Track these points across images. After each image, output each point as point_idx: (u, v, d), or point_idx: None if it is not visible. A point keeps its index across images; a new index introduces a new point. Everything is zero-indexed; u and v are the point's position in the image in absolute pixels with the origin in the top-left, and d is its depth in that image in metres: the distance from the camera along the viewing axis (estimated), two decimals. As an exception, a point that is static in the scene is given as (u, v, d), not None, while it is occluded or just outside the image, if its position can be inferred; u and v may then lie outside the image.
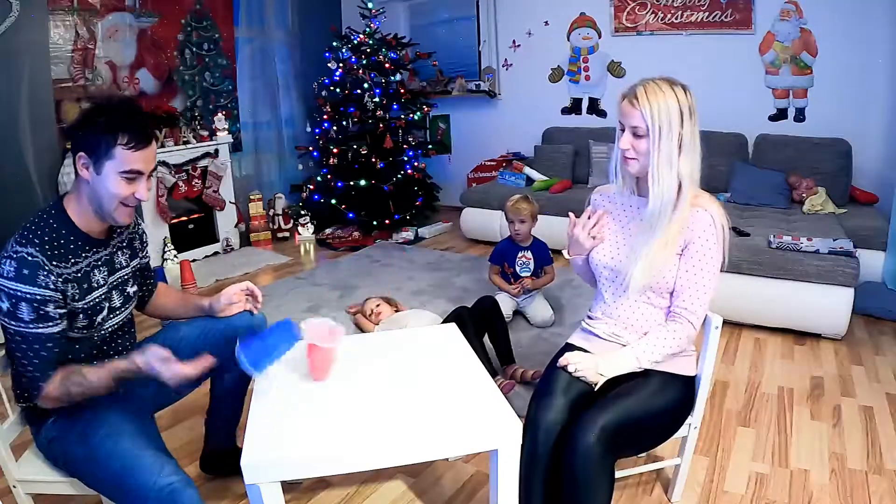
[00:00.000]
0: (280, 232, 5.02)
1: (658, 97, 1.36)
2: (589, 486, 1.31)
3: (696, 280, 1.43)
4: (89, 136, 1.28)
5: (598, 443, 1.29)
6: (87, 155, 1.29)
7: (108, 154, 1.28)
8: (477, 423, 1.21)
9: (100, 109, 1.30)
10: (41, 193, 3.66)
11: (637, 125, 1.39)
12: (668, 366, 1.48)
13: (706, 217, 1.42)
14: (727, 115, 4.16)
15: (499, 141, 5.36)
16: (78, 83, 3.89)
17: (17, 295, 1.23)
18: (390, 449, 1.16)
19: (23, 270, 1.23)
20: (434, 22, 5.61)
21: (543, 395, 1.44)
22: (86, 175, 1.31)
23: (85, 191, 1.33)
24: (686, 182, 1.41)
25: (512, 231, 2.94)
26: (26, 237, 1.27)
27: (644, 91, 1.38)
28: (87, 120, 1.29)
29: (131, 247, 1.55)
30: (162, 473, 1.22)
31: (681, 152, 1.40)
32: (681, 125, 1.38)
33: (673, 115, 1.36)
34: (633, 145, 1.42)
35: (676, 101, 1.37)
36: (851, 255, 2.69)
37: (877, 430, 2.09)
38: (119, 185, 1.31)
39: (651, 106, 1.36)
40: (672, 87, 1.39)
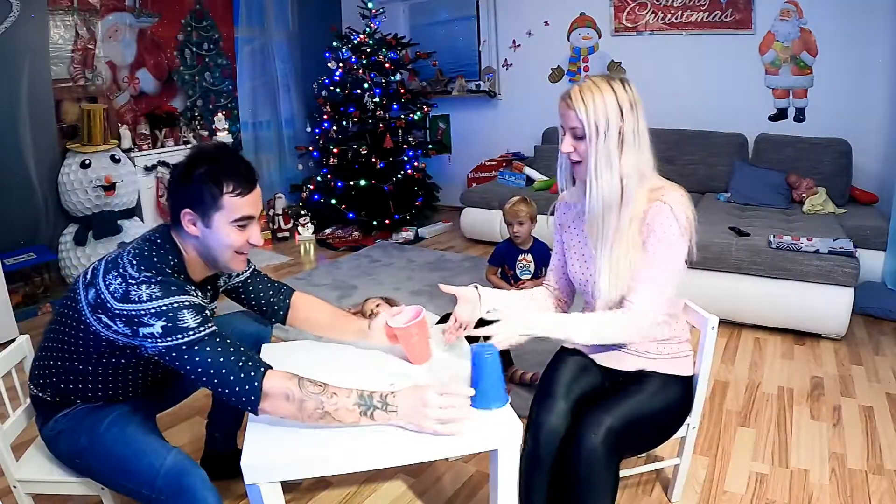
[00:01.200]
0: (280, 232, 5.02)
1: (594, 95, 1.31)
2: (594, 488, 1.31)
3: (649, 275, 1.35)
4: (193, 191, 1.23)
5: (603, 444, 1.29)
6: (192, 210, 1.25)
7: (216, 205, 1.24)
8: (477, 423, 1.21)
9: (197, 161, 1.25)
10: (41, 193, 3.66)
11: (574, 126, 1.34)
12: (666, 366, 1.48)
13: (663, 209, 1.34)
14: (727, 115, 4.17)
15: (499, 141, 5.36)
16: (78, 83, 3.89)
17: (174, 307, 1.17)
18: (390, 449, 1.16)
19: (169, 287, 1.19)
20: (434, 22, 5.61)
21: (545, 397, 1.44)
22: (194, 231, 1.26)
23: (194, 246, 1.30)
24: (631, 181, 1.34)
25: (511, 234, 2.94)
26: (154, 264, 1.22)
27: (579, 91, 1.33)
28: (188, 174, 1.24)
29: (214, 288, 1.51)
30: (169, 456, 1.24)
31: (622, 149, 1.33)
32: (620, 120, 1.31)
33: (610, 111, 1.31)
34: (574, 147, 1.37)
35: (614, 96, 1.31)
36: (851, 255, 2.69)
37: (877, 430, 2.09)
38: (232, 235, 1.27)
39: (586, 105, 1.31)
40: (609, 82, 1.33)
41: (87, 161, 3.61)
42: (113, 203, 3.71)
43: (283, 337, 2.99)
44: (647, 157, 1.37)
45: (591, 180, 1.35)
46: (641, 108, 1.35)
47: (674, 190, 1.39)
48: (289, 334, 3.00)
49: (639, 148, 1.35)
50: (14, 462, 1.39)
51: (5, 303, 3.06)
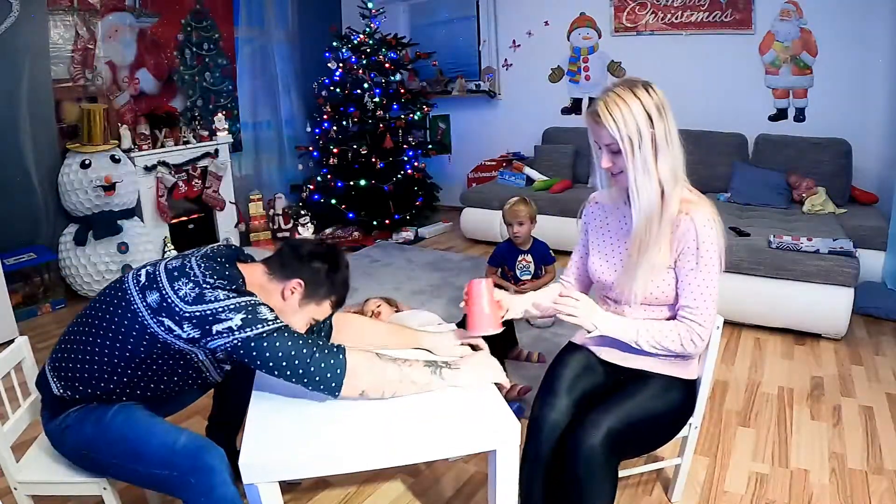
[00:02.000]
0: (280, 232, 5.01)
1: (620, 108, 1.30)
2: (592, 489, 1.31)
3: (698, 287, 1.36)
4: (321, 279, 1.37)
5: (602, 445, 1.29)
6: (306, 287, 1.36)
7: (319, 302, 1.39)
8: (475, 424, 1.21)
9: (339, 265, 1.41)
10: (41, 193, 3.66)
11: (609, 143, 1.33)
12: (669, 369, 1.48)
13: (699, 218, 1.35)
14: (727, 115, 4.17)
15: (499, 141, 5.36)
16: (78, 83, 3.89)
17: (251, 303, 1.24)
18: (388, 449, 1.16)
19: (243, 292, 1.27)
20: (434, 22, 5.61)
21: (547, 395, 1.44)
22: (287, 297, 1.36)
23: (273, 303, 1.34)
24: (669, 185, 1.34)
25: (511, 234, 2.93)
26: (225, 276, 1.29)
27: (605, 106, 1.31)
28: (331, 268, 1.39)
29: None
30: (182, 434, 1.26)
31: (657, 155, 1.32)
32: (651, 127, 1.30)
33: (640, 120, 1.29)
34: (613, 162, 1.36)
35: (640, 104, 1.30)
36: (851, 255, 2.69)
37: (877, 430, 2.09)
38: (301, 323, 1.39)
39: (616, 120, 1.29)
40: (633, 91, 1.31)
41: (87, 161, 3.61)
42: (113, 203, 3.70)
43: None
44: (680, 159, 1.37)
45: (634, 193, 1.35)
46: (669, 109, 1.34)
47: (702, 202, 1.40)
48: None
49: (672, 150, 1.35)
50: (14, 463, 1.39)
51: (5, 303, 3.06)
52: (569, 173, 4.62)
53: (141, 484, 1.34)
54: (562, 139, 4.79)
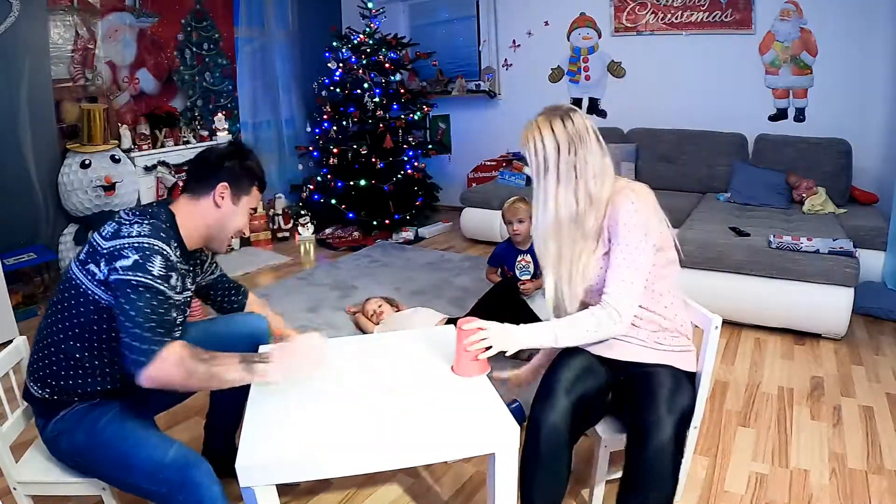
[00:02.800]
0: (280, 232, 5.02)
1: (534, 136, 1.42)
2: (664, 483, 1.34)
3: (616, 268, 1.42)
4: (239, 173, 1.47)
5: (673, 439, 1.32)
6: (230, 186, 1.45)
7: (248, 191, 1.49)
8: (474, 426, 1.20)
9: (246, 153, 1.51)
10: (41, 193, 3.66)
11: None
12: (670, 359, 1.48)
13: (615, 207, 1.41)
14: (727, 115, 4.17)
15: (499, 141, 5.35)
16: (78, 83, 3.89)
17: (152, 248, 1.28)
18: (387, 452, 1.16)
19: (159, 231, 1.32)
20: (434, 22, 5.61)
21: (546, 396, 1.44)
22: (220, 202, 1.44)
23: (208, 215, 1.45)
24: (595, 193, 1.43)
25: (511, 232, 2.94)
26: (147, 213, 1.36)
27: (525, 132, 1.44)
28: (240, 160, 1.48)
29: (194, 272, 1.59)
30: (172, 448, 1.26)
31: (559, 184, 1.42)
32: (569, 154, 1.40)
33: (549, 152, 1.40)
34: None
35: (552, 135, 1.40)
36: (851, 255, 2.69)
37: (877, 430, 2.08)
38: (244, 218, 1.51)
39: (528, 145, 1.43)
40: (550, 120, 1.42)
41: (87, 161, 3.61)
42: (113, 203, 3.70)
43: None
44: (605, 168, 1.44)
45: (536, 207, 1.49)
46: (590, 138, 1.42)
47: (629, 190, 1.44)
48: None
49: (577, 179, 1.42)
50: (13, 464, 1.39)
51: (5, 303, 3.06)
52: (569, 173, 4.61)
53: (132, 493, 1.33)
54: (562, 139, 4.78)
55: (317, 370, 1.37)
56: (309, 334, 1.42)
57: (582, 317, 1.44)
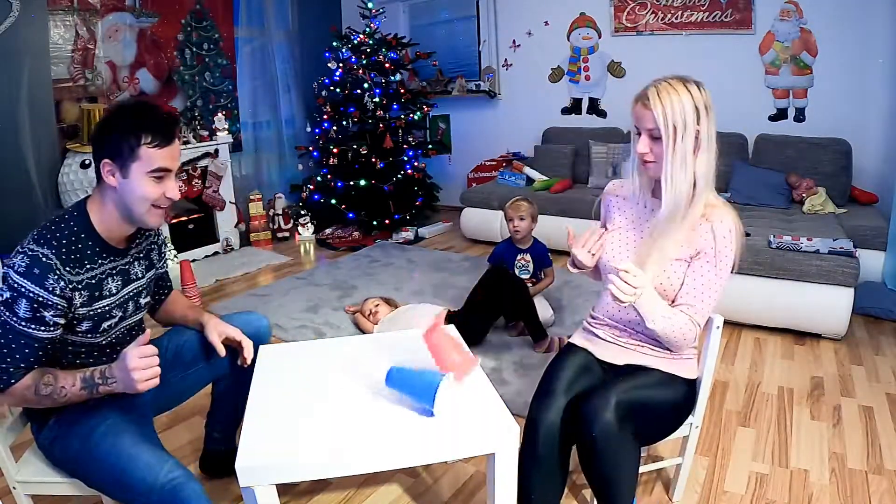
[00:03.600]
0: (280, 232, 5.02)
1: (671, 96, 1.33)
2: (615, 462, 1.33)
3: (704, 289, 1.39)
4: (112, 141, 1.27)
5: (614, 418, 1.30)
6: (111, 160, 1.27)
7: (134, 155, 1.27)
8: (474, 426, 1.20)
9: (119, 113, 1.30)
10: (41, 193, 3.66)
11: (652, 127, 1.35)
12: (668, 366, 1.48)
13: (720, 228, 1.38)
14: (727, 115, 4.12)
15: (499, 141, 5.36)
16: (78, 83, 3.89)
17: (20, 290, 1.21)
18: (386, 452, 1.15)
19: (34, 269, 1.21)
20: (434, 22, 5.61)
21: (544, 396, 1.44)
22: (112, 182, 1.29)
23: (112, 198, 1.31)
24: (701, 182, 1.37)
25: (511, 229, 2.94)
26: (44, 237, 1.26)
27: (656, 92, 1.34)
28: (108, 125, 1.29)
29: (149, 258, 1.53)
30: (164, 468, 1.23)
31: (697, 151, 1.36)
32: (696, 122, 1.33)
33: (688, 113, 1.32)
34: (650, 148, 1.38)
35: (691, 98, 1.33)
36: (851, 255, 2.69)
37: (877, 430, 2.09)
38: (148, 186, 1.29)
39: (664, 106, 1.32)
40: (685, 84, 1.35)
41: (87, 161, 3.61)
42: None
43: (283, 337, 2.99)
44: (714, 163, 1.39)
45: (667, 181, 1.37)
46: (713, 112, 1.37)
47: (727, 208, 1.41)
48: (288, 334, 3.01)
49: (710, 151, 1.37)
50: (13, 463, 1.39)
51: (5, 303, 3.06)
52: (568, 173, 4.61)
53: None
54: (562, 139, 4.79)
55: (154, 383, 1.25)
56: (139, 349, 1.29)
57: (680, 321, 1.39)
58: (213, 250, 4.56)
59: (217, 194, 4.51)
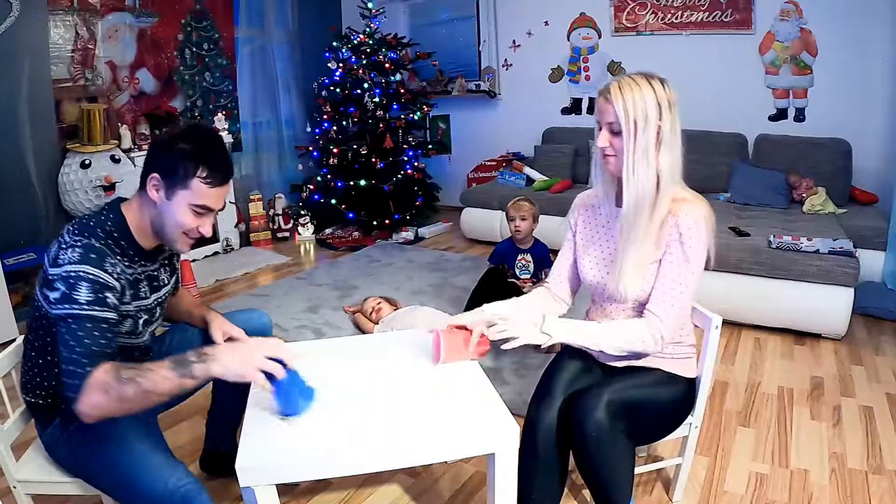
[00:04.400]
0: (280, 232, 5.02)
1: (633, 91, 1.31)
2: (608, 462, 1.32)
3: (669, 288, 1.37)
4: (170, 160, 1.25)
5: (606, 418, 1.29)
6: (161, 178, 1.26)
7: (185, 183, 1.25)
8: (474, 426, 1.20)
9: (186, 136, 1.27)
10: (41, 193, 3.66)
11: (612, 121, 1.33)
12: (669, 365, 1.48)
13: (685, 221, 1.35)
14: (727, 115, 4.17)
15: (499, 141, 5.36)
16: (78, 83, 3.88)
17: (78, 275, 1.17)
18: (386, 452, 1.15)
19: (90, 254, 1.19)
20: (434, 22, 5.61)
21: (543, 396, 1.44)
22: (154, 197, 1.27)
23: (149, 211, 1.30)
24: (665, 178, 1.34)
25: (512, 229, 2.94)
26: (88, 228, 1.24)
27: (618, 86, 1.32)
28: (172, 143, 1.26)
29: (171, 264, 1.53)
30: (173, 477, 1.21)
31: (659, 147, 1.33)
32: (659, 118, 1.31)
33: (650, 107, 1.30)
34: (610, 142, 1.36)
35: (654, 93, 1.31)
36: (851, 255, 2.69)
37: (877, 430, 2.09)
38: (186, 217, 1.28)
39: (625, 100, 1.30)
40: (649, 80, 1.33)
41: (87, 161, 3.61)
42: (113, 203, 3.70)
43: (283, 337, 2.99)
44: (680, 160, 1.37)
45: (628, 175, 1.34)
46: (677, 109, 1.35)
47: (696, 200, 1.38)
48: (288, 334, 3.01)
49: (674, 148, 1.35)
50: (14, 462, 1.39)
51: (5, 303, 3.06)
52: (569, 173, 4.61)
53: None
54: (562, 139, 4.79)
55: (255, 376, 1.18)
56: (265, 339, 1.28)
57: (627, 329, 1.38)
58: (213, 250, 4.56)
59: (217, 194, 4.50)
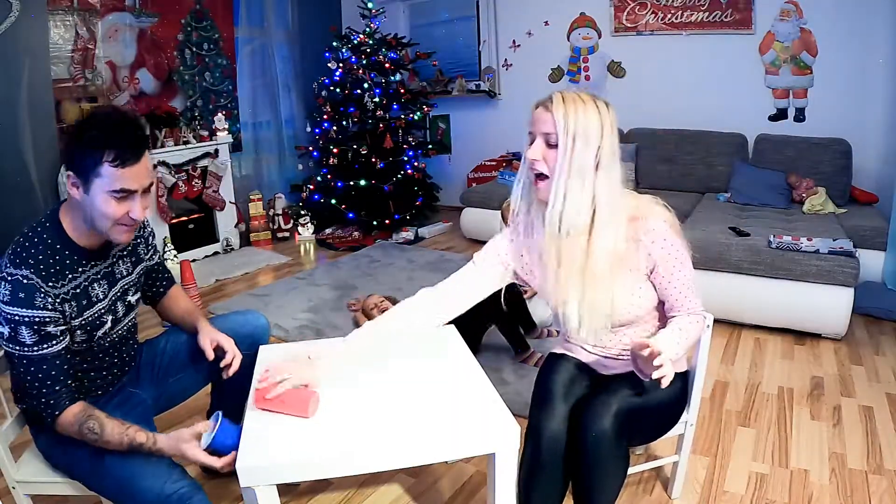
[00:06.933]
0: (280, 232, 5.02)
1: (577, 105, 1.23)
2: (605, 472, 1.32)
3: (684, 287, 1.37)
4: (77, 154, 1.20)
5: (612, 427, 1.29)
6: (75, 174, 1.21)
7: (95, 172, 1.19)
8: (474, 426, 1.20)
9: (88, 124, 1.21)
10: (41, 194, 3.66)
11: (549, 131, 1.24)
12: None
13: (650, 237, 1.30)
14: (727, 115, 4.17)
15: (499, 141, 5.35)
16: (78, 83, 3.89)
17: (15, 319, 1.19)
18: (387, 452, 1.15)
19: (18, 294, 1.18)
20: (434, 22, 5.60)
21: (544, 403, 1.43)
22: (75, 194, 1.23)
23: (78, 210, 1.27)
24: (603, 208, 1.26)
25: (512, 231, 2.94)
26: (20, 256, 1.22)
27: (562, 97, 1.25)
28: (75, 135, 1.22)
29: (135, 253, 1.49)
30: (170, 479, 1.22)
31: (598, 170, 1.25)
32: (600, 139, 1.24)
33: (591, 126, 1.23)
34: (544, 156, 1.25)
35: (598, 114, 1.24)
36: (851, 255, 2.69)
37: (877, 430, 2.08)
38: (109, 206, 1.22)
39: (567, 112, 1.22)
40: (595, 99, 1.26)
41: (86, 161, 3.61)
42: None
43: (283, 337, 2.99)
44: (619, 185, 1.30)
45: (557, 194, 1.24)
46: (616, 133, 1.29)
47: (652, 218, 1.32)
48: (288, 334, 3.01)
49: (612, 173, 1.28)
50: (13, 463, 1.39)
51: (5, 303, 3.06)
52: (569, 173, 4.61)
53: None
54: (562, 139, 4.78)
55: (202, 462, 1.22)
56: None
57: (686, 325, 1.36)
58: (213, 250, 4.56)
59: (217, 194, 4.51)
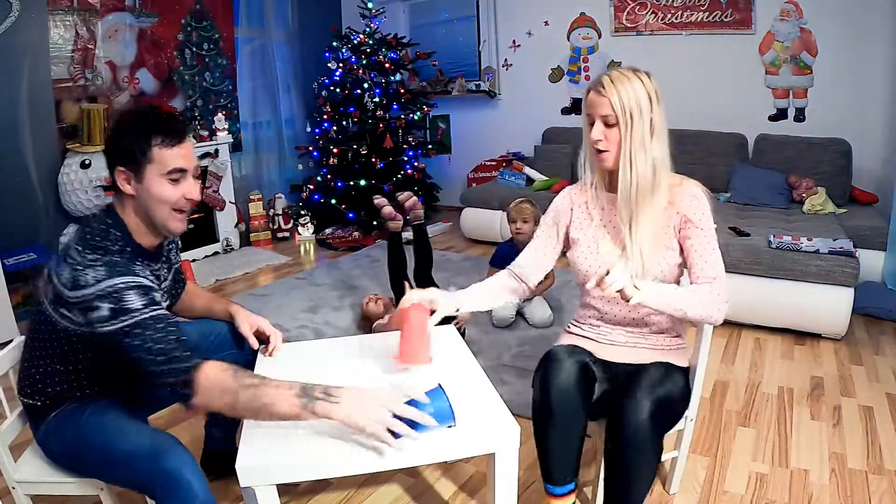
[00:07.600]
0: (280, 232, 5.02)
1: (625, 83, 1.35)
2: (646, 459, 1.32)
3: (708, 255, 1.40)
4: (122, 147, 1.25)
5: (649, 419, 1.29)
6: (125, 167, 1.25)
7: (147, 157, 1.24)
8: (475, 426, 1.20)
9: (126, 118, 1.28)
10: (41, 194, 3.66)
11: (607, 113, 1.36)
12: (674, 357, 1.49)
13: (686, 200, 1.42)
14: (727, 115, 4.17)
15: (499, 141, 5.35)
16: (78, 83, 3.88)
17: (118, 288, 1.16)
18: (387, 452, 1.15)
19: (116, 268, 1.19)
20: (434, 22, 5.61)
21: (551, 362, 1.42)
22: (129, 189, 1.26)
23: (132, 206, 1.29)
24: (660, 167, 1.40)
25: (513, 231, 2.94)
26: (98, 245, 1.23)
27: (610, 79, 1.36)
28: (117, 132, 1.27)
29: (169, 258, 1.52)
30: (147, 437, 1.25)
31: (653, 136, 1.38)
32: (650, 109, 1.36)
33: (642, 99, 1.35)
34: (605, 135, 1.39)
35: (643, 85, 1.36)
36: (851, 255, 2.69)
37: (877, 430, 2.09)
38: (165, 189, 1.26)
39: (619, 92, 1.34)
40: (636, 73, 1.38)
41: (87, 161, 3.61)
42: (113, 203, 3.69)
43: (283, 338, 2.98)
44: (667, 150, 1.42)
45: (626, 165, 1.38)
46: (662, 101, 1.40)
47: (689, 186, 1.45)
48: (288, 334, 3.00)
49: (664, 137, 1.40)
50: (12, 463, 1.39)
51: (5, 303, 3.06)
52: (568, 173, 4.61)
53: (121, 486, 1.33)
54: (562, 139, 4.78)
55: (380, 432, 1.12)
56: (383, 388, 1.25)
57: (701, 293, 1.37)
58: (213, 250, 4.56)
59: (217, 194, 4.51)
